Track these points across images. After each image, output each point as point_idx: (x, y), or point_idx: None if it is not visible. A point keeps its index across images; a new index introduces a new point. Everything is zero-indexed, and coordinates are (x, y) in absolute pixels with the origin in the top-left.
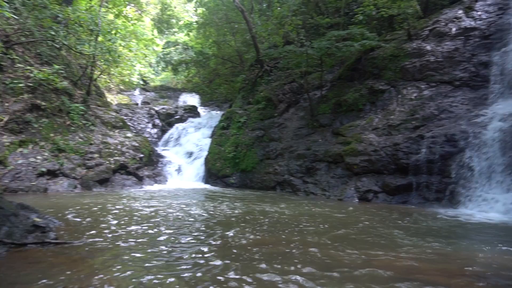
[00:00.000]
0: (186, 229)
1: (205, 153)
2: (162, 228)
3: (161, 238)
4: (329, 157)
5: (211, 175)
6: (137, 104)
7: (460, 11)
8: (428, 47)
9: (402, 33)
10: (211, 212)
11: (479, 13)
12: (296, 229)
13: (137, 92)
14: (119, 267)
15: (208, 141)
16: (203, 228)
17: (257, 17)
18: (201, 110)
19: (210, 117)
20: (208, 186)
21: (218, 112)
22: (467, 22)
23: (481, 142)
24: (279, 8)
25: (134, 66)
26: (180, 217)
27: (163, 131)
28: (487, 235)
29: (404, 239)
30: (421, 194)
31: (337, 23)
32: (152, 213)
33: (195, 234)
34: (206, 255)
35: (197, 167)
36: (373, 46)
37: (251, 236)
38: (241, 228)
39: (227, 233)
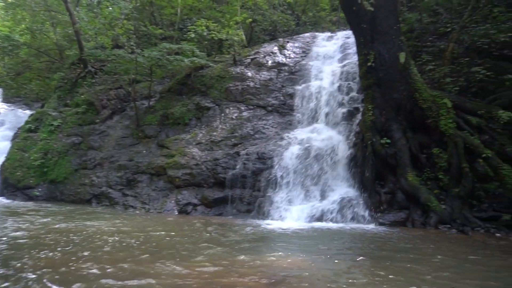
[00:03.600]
0: None
1: (2, 159)
2: None
3: None
4: (152, 169)
5: (8, 185)
6: None
7: (276, 48)
8: (249, 74)
9: (229, 57)
10: None
11: (289, 52)
12: (98, 249)
13: None
14: None
15: (7, 145)
16: None
17: (84, 12)
18: (2, 106)
19: (13, 116)
20: (2, 200)
21: (26, 111)
22: (280, 58)
23: (283, 161)
24: (110, 8)
25: None
26: None
27: None
28: (278, 242)
29: (206, 249)
30: (235, 206)
31: (170, 36)
32: None
33: None
34: None
35: None
36: (202, 65)
37: (42, 262)
38: (33, 252)
39: (12, 257)
